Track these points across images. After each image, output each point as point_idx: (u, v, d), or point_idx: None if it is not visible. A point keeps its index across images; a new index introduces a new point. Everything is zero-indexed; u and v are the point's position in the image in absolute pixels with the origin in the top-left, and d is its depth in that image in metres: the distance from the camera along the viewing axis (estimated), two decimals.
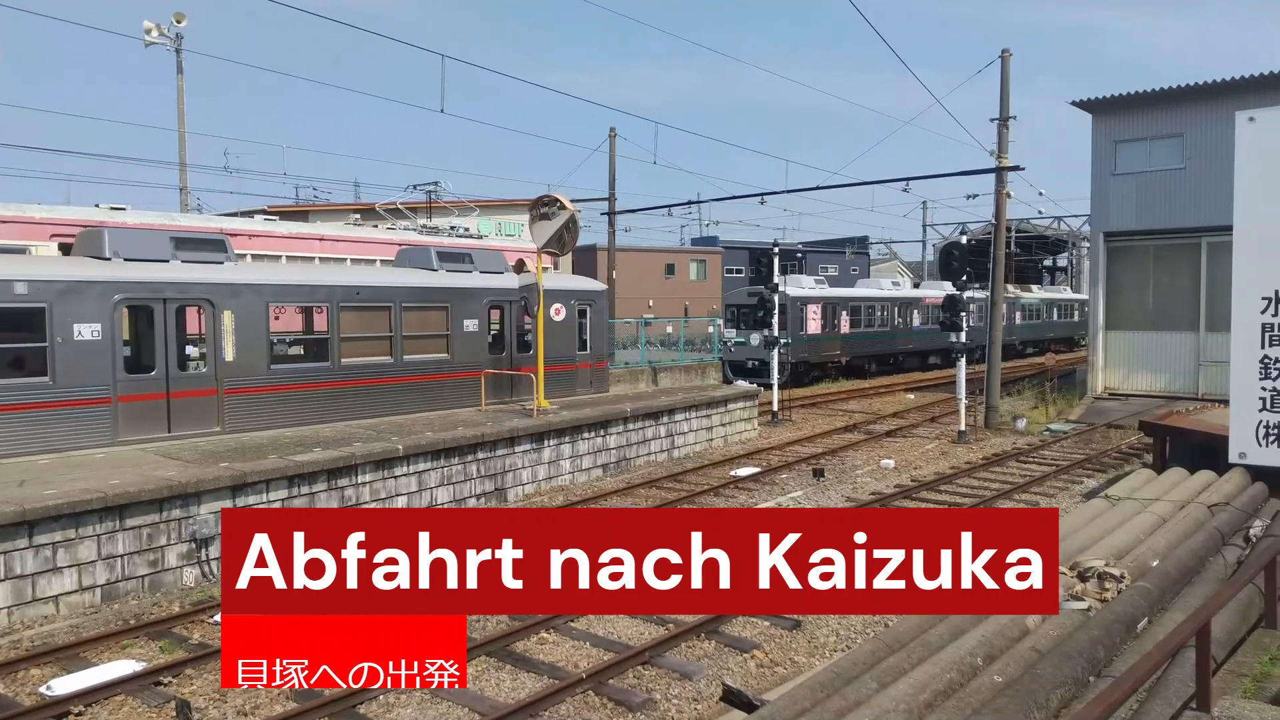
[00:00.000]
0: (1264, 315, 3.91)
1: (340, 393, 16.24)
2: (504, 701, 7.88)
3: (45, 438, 12.67)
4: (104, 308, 13.16)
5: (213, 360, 14.53)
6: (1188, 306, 25.62)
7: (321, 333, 16.59)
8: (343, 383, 16.29)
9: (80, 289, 13.02)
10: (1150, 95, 25.16)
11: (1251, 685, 5.71)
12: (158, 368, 13.89)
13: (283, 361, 16.21)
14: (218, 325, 14.49)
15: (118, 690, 8.07)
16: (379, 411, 16.67)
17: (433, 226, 26.75)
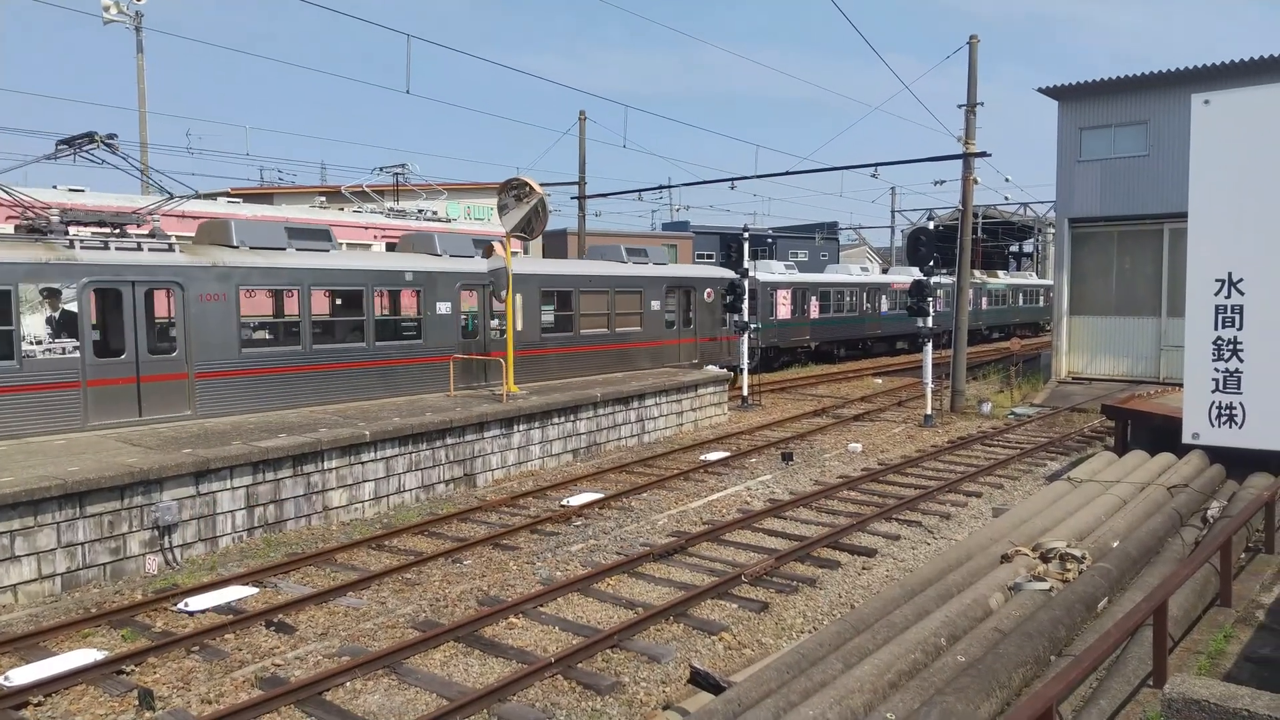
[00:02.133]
0: (1217, 297, 3.97)
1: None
2: (472, 687, 7.86)
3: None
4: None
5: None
6: (1150, 292, 26.01)
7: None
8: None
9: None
10: (1115, 83, 25.43)
11: (1206, 662, 5.84)
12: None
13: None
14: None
15: (78, 679, 7.95)
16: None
17: (400, 210, 26.48)
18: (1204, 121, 4.03)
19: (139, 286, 13.78)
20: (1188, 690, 3.68)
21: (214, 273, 14.64)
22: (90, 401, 13.24)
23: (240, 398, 14.96)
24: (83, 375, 13.12)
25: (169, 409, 14.08)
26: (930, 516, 13.52)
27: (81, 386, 13.10)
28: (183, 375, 14.25)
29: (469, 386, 18.57)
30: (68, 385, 13.01)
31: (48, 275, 12.79)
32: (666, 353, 23.57)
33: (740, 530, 12.77)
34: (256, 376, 15.16)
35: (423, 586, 10.56)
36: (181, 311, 14.25)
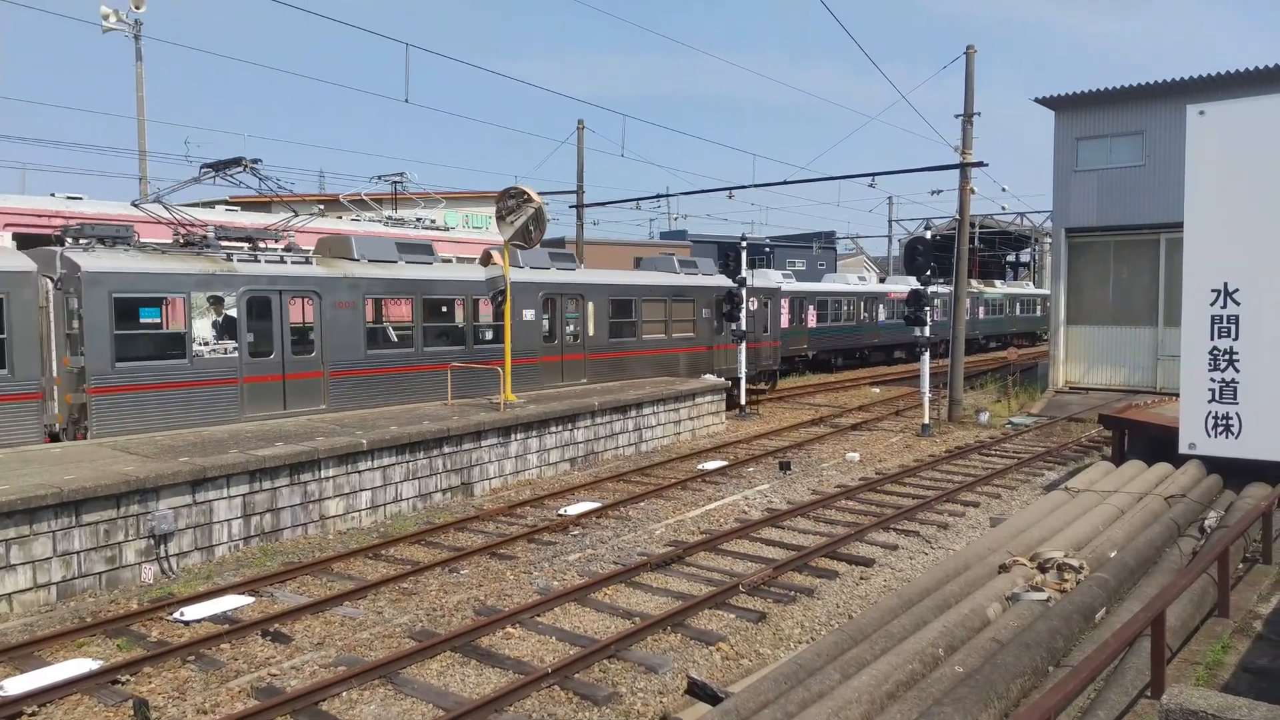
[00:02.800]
0: (1213, 307, 3.98)
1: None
2: (468, 697, 7.84)
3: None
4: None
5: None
6: (1147, 302, 26.07)
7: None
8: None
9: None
10: (1112, 93, 25.53)
11: (1204, 673, 5.83)
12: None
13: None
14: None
15: (73, 689, 7.92)
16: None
17: (398, 218, 26.50)
18: (1199, 132, 4.05)
19: (285, 295, 15.65)
20: (1185, 701, 3.68)
21: (345, 283, 16.53)
22: (245, 396, 15.07)
23: (364, 394, 16.81)
24: (240, 373, 14.99)
25: (307, 403, 15.97)
26: (928, 526, 13.51)
27: (239, 383, 14.97)
28: (319, 374, 16.15)
29: (542, 388, 20.56)
30: (228, 381, 14.89)
31: (214, 285, 14.66)
32: (717, 356, 25.69)
33: (738, 540, 12.75)
34: (378, 375, 17.07)
35: (419, 596, 10.53)
36: (318, 317, 16.17)
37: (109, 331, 13.44)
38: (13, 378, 12.77)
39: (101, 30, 26.69)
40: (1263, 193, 3.82)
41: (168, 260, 14.42)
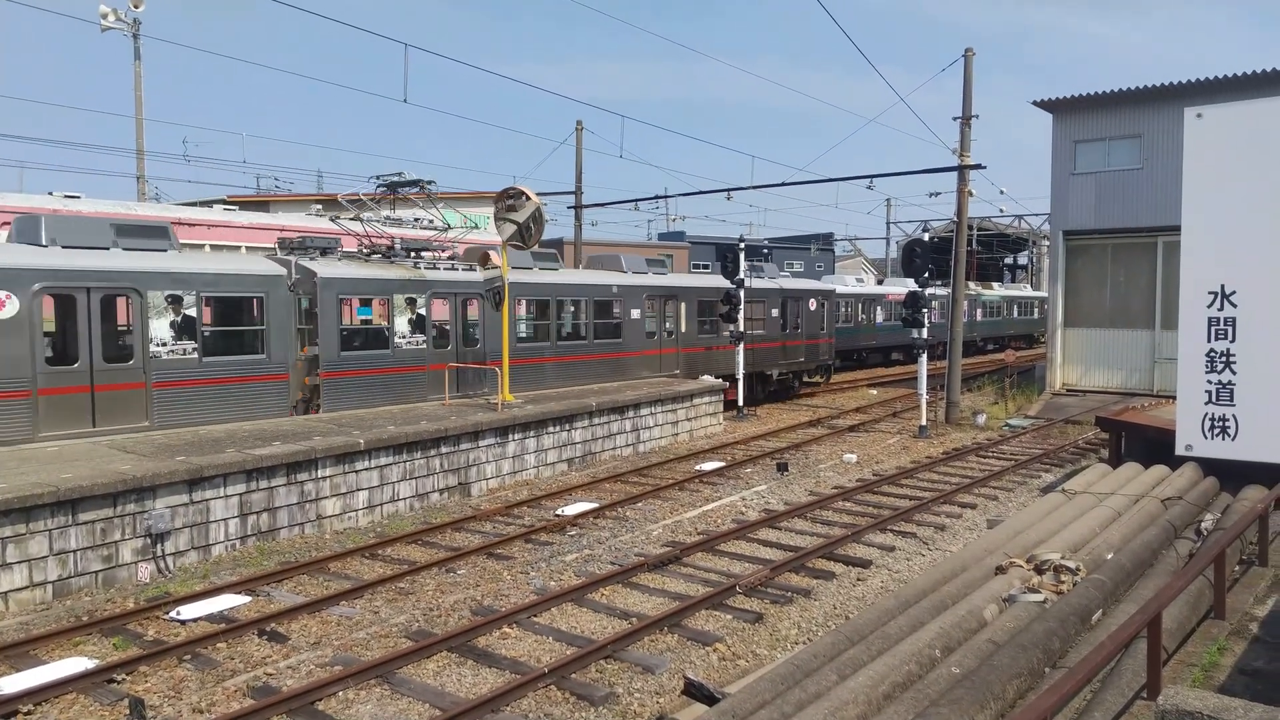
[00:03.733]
0: (1210, 309, 3.99)
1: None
2: (465, 697, 7.83)
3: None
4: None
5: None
6: (1144, 304, 26.10)
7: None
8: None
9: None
10: (1109, 96, 25.57)
11: (1200, 674, 5.83)
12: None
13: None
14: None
15: (69, 688, 7.90)
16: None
17: (396, 218, 26.48)
18: (1197, 135, 4.05)
19: (459, 297, 18.76)
20: (1181, 702, 3.68)
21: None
22: (429, 381, 18.00)
23: (516, 381, 19.14)
24: (427, 361, 17.93)
25: (474, 388, 18.98)
26: (925, 528, 13.52)
27: (426, 370, 17.95)
28: (483, 363, 19.04)
29: (649, 378, 22.78)
30: (419, 369, 17.85)
31: (409, 289, 17.67)
32: (782, 351, 28.98)
33: (735, 541, 12.75)
34: (526, 365, 19.87)
35: (416, 596, 10.52)
36: (481, 316, 19.11)
37: (336, 326, 16.37)
38: (269, 361, 15.56)
39: (100, 29, 26.68)
40: (1261, 195, 3.83)
41: (376, 268, 17.50)
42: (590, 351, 21.78)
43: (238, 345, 15.37)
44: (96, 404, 13.46)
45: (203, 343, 14.61)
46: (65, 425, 13.10)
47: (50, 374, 12.97)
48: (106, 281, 13.59)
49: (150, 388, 14.02)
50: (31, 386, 12.70)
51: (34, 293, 12.75)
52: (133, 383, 13.87)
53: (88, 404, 13.37)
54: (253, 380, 15.37)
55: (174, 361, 14.27)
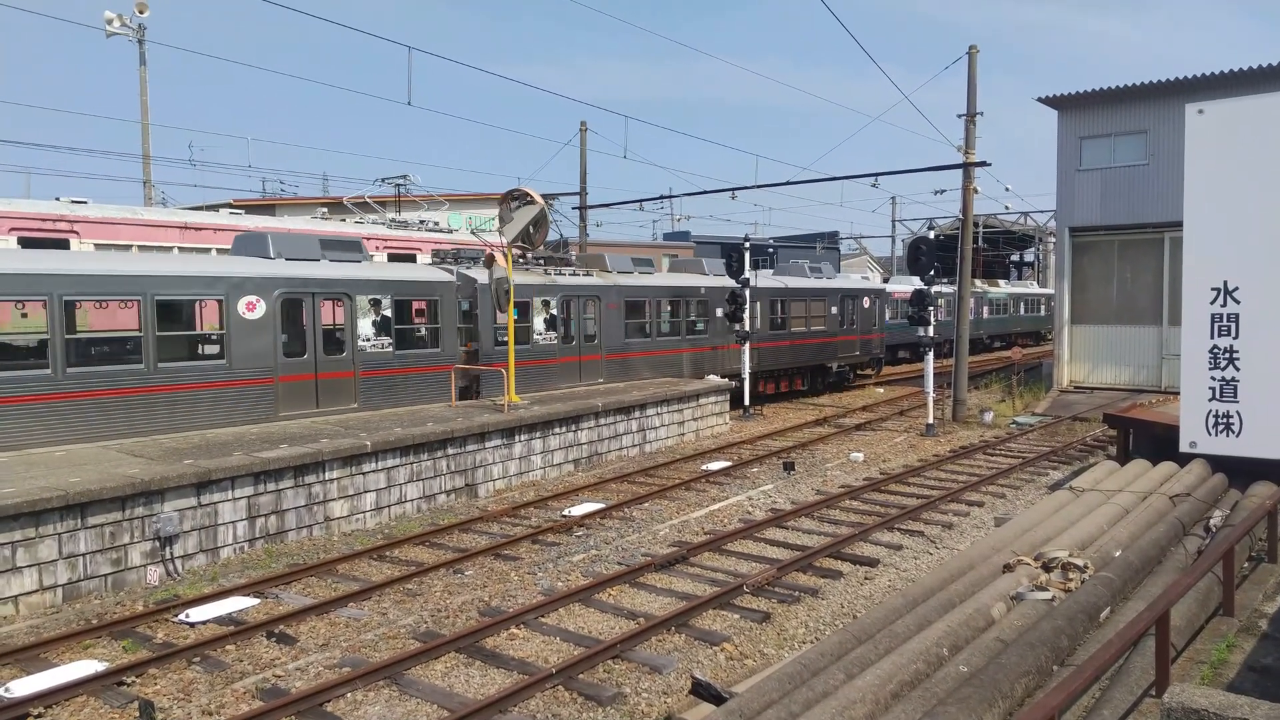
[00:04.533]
0: (1213, 306, 3.98)
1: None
2: (473, 698, 7.85)
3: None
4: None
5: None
6: (1151, 301, 26.02)
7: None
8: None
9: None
10: (1114, 92, 25.50)
11: (1209, 671, 5.82)
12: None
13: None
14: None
15: (79, 691, 7.94)
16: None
17: (401, 220, 26.55)
18: (1198, 130, 4.05)
19: (582, 299, 21.35)
20: (1187, 700, 3.68)
21: (613, 290, 22.11)
22: (560, 371, 20.71)
23: (623, 372, 22.36)
24: (557, 354, 20.65)
25: (591, 378, 21.66)
26: (932, 526, 13.50)
27: (557, 361, 20.75)
28: (599, 356, 21.78)
29: (723, 371, 24.18)
30: (551, 360, 20.65)
31: (545, 292, 20.41)
32: (840, 345, 30.96)
33: (742, 540, 12.75)
34: (632, 358, 22.65)
35: (424, 597, 10.54)
36: (598, 315, 21.75)
37: (491, 325, 18.98)
38: (442, 354, 18.07)
39: (105, 35, 26.79)
40: (1262, 191, 3.82)
41: (520, 274, 19.66)
42: (682, 346, 24.49)
43: (420, 340, 18.11)
44: (319, 389, 16.05)
45: (396, 338, 17.21)
46: (297, 407, 15.63)
47: (287, 364, 15.49)
48: (325, 288, 16.13)
49: (358, 376, 16.64)
50: (274, 375, 15.24)
51: (275, 298, 15.27)
52: (345, 372, 16.51)
53: (313, 389, 15.91)
54: (431, 370, 17.97)
55: (375, 354, 16.90)
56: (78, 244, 19.44)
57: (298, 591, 10.80)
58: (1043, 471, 17.46)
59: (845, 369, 31.87)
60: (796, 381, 29.21)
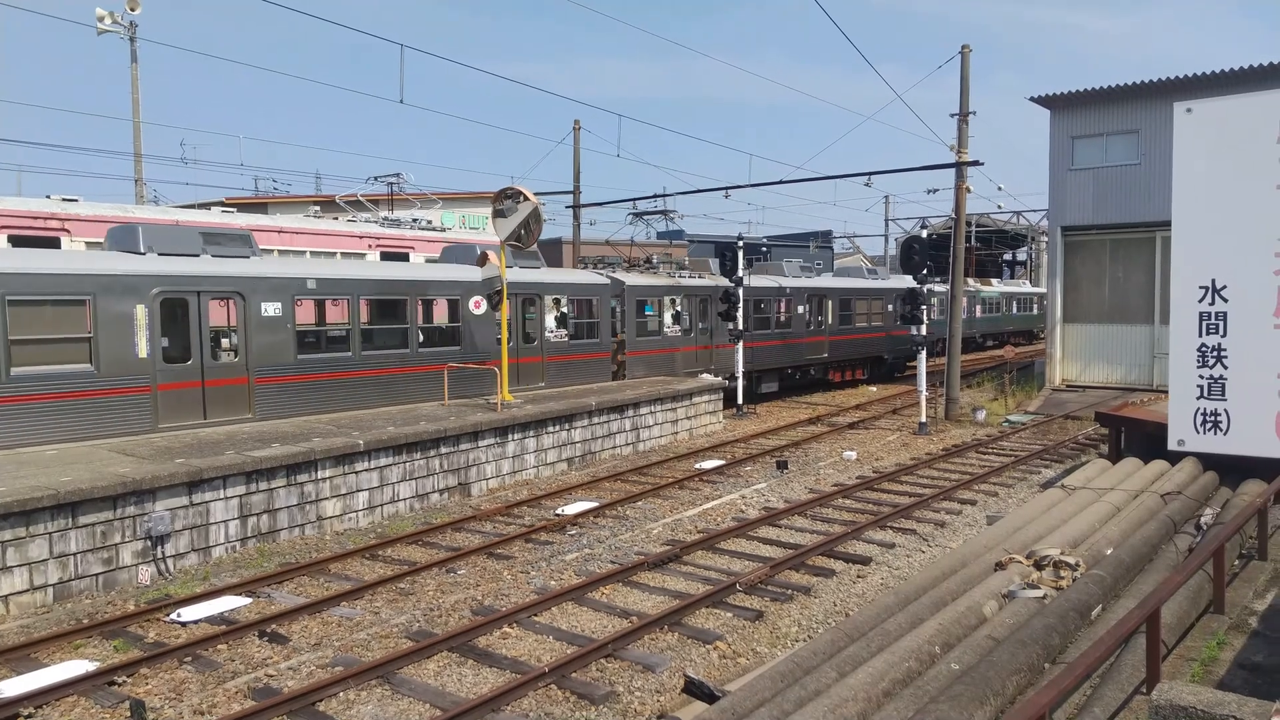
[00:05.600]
0: (1201, 304, 3.99)
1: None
2: (465, 697, 7.84)
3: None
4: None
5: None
6: (1143, 299, 26.10)
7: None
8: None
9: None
10: (1107, 92, 25.56)
11: (1200, 669, 5.84)
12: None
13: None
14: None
15: (70, 691, 7.91)
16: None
17: (394, 219, 26.49)
18: (1186, 129, 4.07)
19: (697, 298, 25.14)
20: (1175, 697, 3.69)
21: (718, 290, 25.26)
22: (681, 360, 24.62)
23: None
24: (679, 345, 24.64)
25: (705, 365, 25.14)
26: (925, 524, 13.53)
27: (679, 351, 24.73)
28: (709, 347, 25.47)
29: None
30: (675, 350, 24.60)
31: (671, 292, 24.42)
32: (894, 340, 33.78)
33: (735, 539, 12.76)
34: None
35: (416, 596, 10.53)
36: (710, 312, 25.31)
37: (634, 320, 23.19)
38: (600, 344, 21.92)
39: (96, 32, 26.67)
40: (1250, 189, 3.83)
41: (653, 277, 24.58)
42: (781, 338, 28.71)
43: (585, 332, 21.67)
44: (520, 371, 19.75)
45: (572, 330, 21.17)
46: (517, 386, 19.41)
47: (511, 349, 19.15)
48: (526, 290, 19.91)
49: (545, 360, 20.51)
50: (499, 358, 18.18)
51: (497, 295, 18.56)
52: (536, 357, 20.33)
53: (514, 372, 19.30)
54: (592, 357, 21.86)
55: (557, 344, 20.85)
56: (69, 242, 19.36)
57: (290, 591, 10.77)
58: (1035, 470, 17.51)
59: (898, 360, 35.07)
60: (859, 371, 33.03)
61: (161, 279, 14.02)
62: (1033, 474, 17.12)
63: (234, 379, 14.96)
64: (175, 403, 14.10)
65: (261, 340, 15.16)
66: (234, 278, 14.95)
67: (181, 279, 14.27)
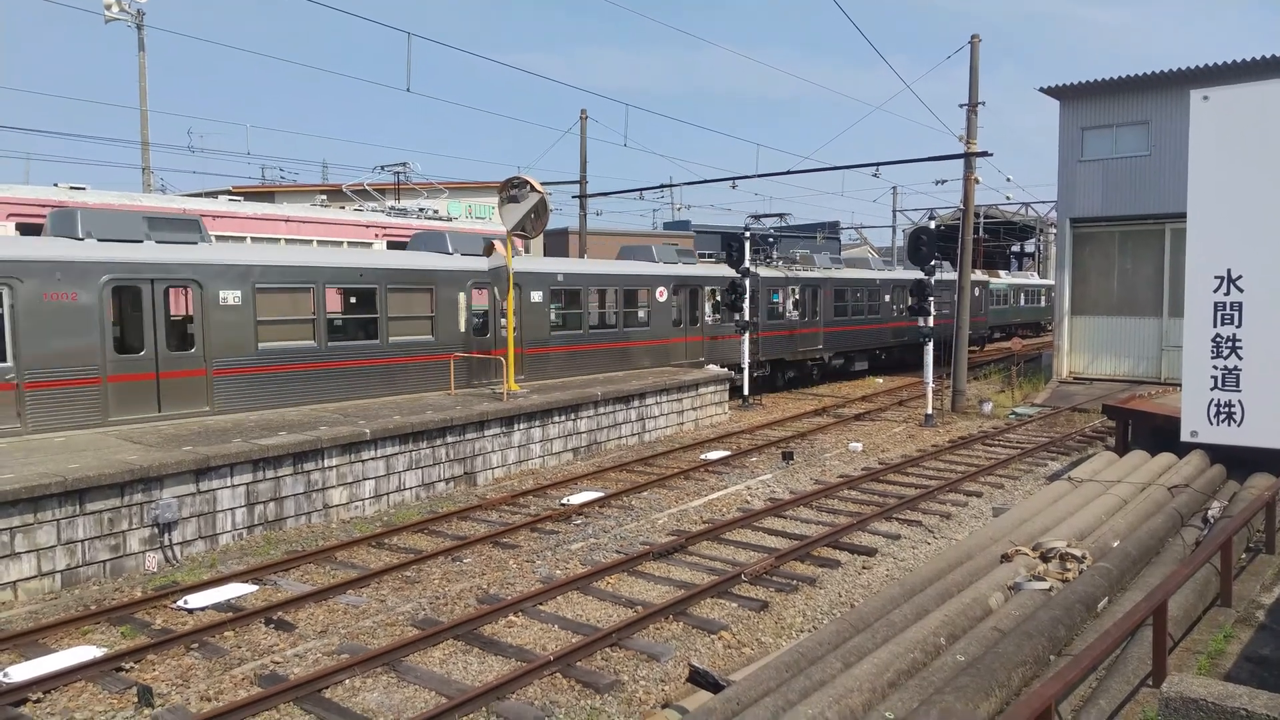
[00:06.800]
0: (1216, 294, 3.95)
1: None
2: (471, 685, 7.86)
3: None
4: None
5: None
6: (1152, 292, 25.98)
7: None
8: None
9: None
10: (1117, 83, 25.39)
11: (1206, 661, 5.82)
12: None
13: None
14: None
15: (78, 676, 7.95)
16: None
17: (401, 208, 26.48)
18: (1203, 117, 4.00)
19: (810, 287, 29.19)
20: (1185, 689, 3.67)
21: (814, 282, 29.69)
22: (800, 340, 28.68)
23: (838, 342, 30.56)
24: (797, 327, 28.81)
25: (809, 346, 29.47)
26: (930, 516, 13.51)
27: (796, 333, 28.86)
28: (819, 329, 29.81)
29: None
30: (794, 331, 28.66)
31: (791, 283, 28.68)
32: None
33: (740, 529, 12.76)
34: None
35: (422, 584, 10.56)
36: (818, 299, 29.46)
37: (766, 306, 27.40)
38: (736, 327, 25.18)
39: (104, 20, 26.65)
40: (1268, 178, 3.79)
41: (776, 270, 28.58)
42: (871, 323, 32.66)
43: (728, 316, 25.30)
44: (688, 349, 24.50)
45: (721, 314, 25.60)
46: (685, 360, 24.24)
47: (674, 332, 24.12)
48: (694, 283, 24.77)
49: (704, 340, 25.20)
50: (668, 340, 23.32)
51: (672, 287, 23.86)
52: (697, 337, 25.04)
53: (683, 350, 24.32)
54: (733, 338, 25.51)
55: (714, 326, 25.60)
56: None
57: (296, 578, 10.81)
58: (1041, 462, 17.47)
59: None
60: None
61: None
62: (1039, 466, 17.08)
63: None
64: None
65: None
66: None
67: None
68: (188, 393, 14.20)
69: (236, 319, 14.72)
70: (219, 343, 14.53)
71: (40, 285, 12.62)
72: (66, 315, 12.86)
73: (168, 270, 13.98)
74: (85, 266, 13.10)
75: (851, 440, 19.87)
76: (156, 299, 13.84)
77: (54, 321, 12.76)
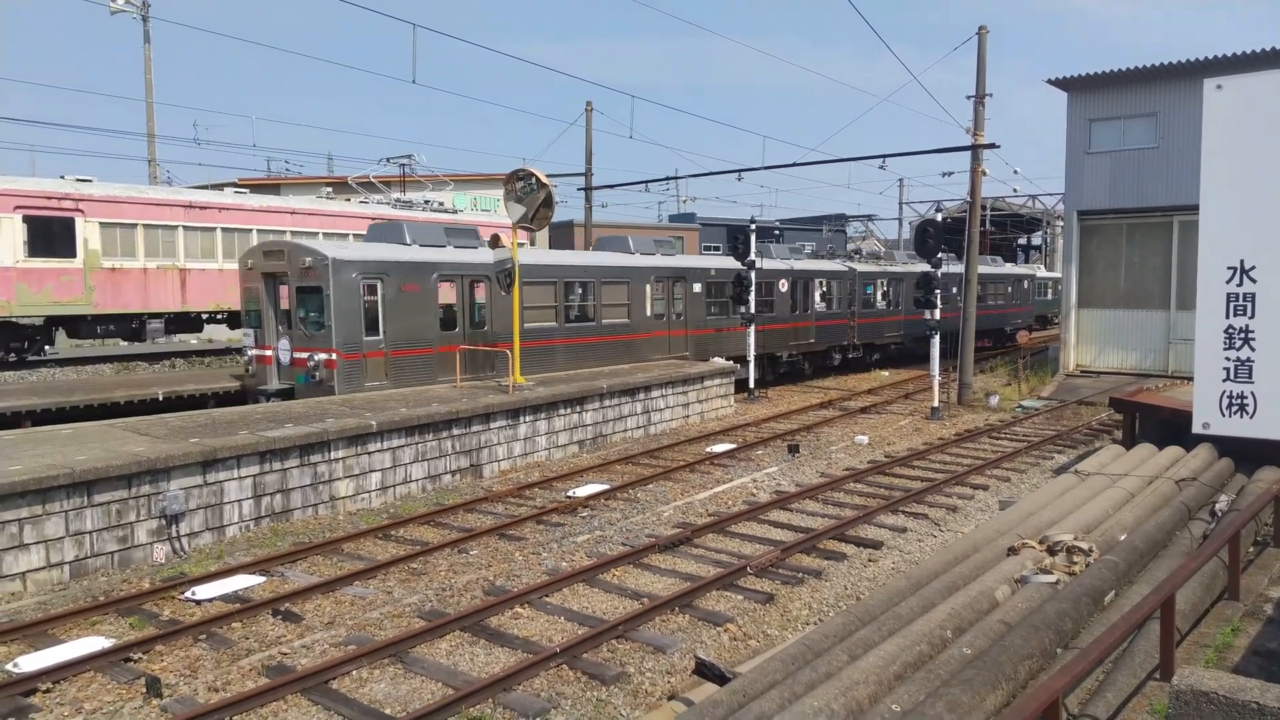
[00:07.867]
0: (1229, 285, 3.92)
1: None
2: (477, 676, 7.88)
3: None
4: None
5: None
6: (1159, 285, 25.88)
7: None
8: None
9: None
10: (1125, 74, 25.26)
11: (1214, 655, 5.81)
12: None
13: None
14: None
15: (86, 667, 7.99)
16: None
17: (406, 200, 26.48)
18: (1216, 106, 3.97)
19: (888, 280, 32.84)
20: (1196, 682, 3.66)
21: (869, 274, 32.04)
22: (888, 327, 32.28)
23: (867, 333, 32.22)
24: (885, 315, 32.56)
25: (895, 331, 33.34)
26: (937, 509, 13.50)
27: (884, 320, 32.73)
28: (914, 316, 31.18)
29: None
30: (881, 319, 32.44)
31: (876, 277, 32.27)
32: (1013, 315, 42.03)
33: (746, 522, 12.76)
34: (873, 322, 32.14)
35: (429, 576, 10.58)
36: (898, 291, 33.14)
37: (861, 296, 31.14)
38: (843, 313, 29.71)
39: (110, 12, 26.68)
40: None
41: (865, 264, 32.10)
42: (903, 314, 33.66)
43: (833, 305, 29.60)
44: (797, 332, 28.30)
45: (825, 305, 29.24)
46: (796, 342, 28.25)
47: (791, 318, 28.03)
48: (804, 275, 28.43)
49: (814, 325, 28.95)
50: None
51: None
52: (807, 322, 28.77)
53: (793, 332, 28.11)
54: (839, 323, 29.90)
55: (824, 313, 29.35)
56: (83, 222, 19.44)
57: (303, 570, 10.84)
58: (1048, 455, 17.43)
59: (1015, 329, 41.93)
60: (985, 340, 37.77)
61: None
62: (1046, 459, 17.05)
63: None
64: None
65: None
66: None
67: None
68: (482, 361, 18.69)
69: (504, 307, 18.63)
70: (499, 325, 18.87)
71: (400, 279, 17.08)
72: (413, 302, 17.32)
73: (471, 269, 18.50)
74: (423, 266, 17.60)
75: (857, 433, 19.85)
76: (464, 290, 18.38)
77: (407, 306, 17.17)
